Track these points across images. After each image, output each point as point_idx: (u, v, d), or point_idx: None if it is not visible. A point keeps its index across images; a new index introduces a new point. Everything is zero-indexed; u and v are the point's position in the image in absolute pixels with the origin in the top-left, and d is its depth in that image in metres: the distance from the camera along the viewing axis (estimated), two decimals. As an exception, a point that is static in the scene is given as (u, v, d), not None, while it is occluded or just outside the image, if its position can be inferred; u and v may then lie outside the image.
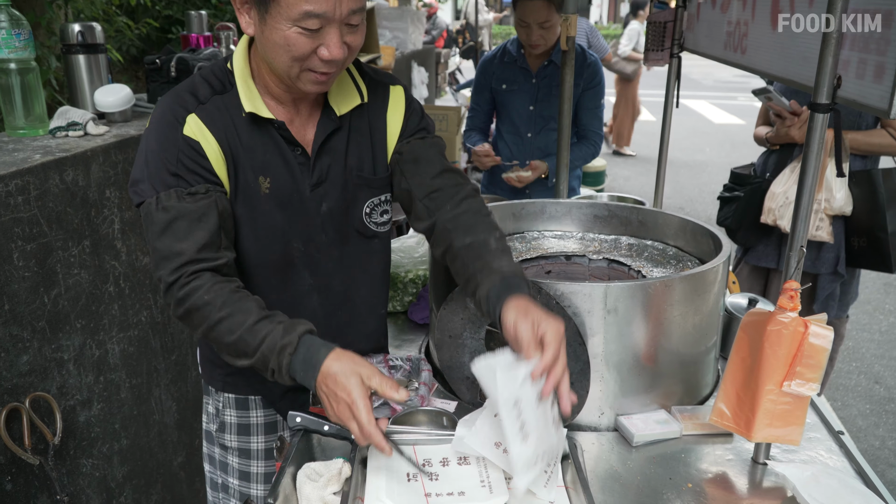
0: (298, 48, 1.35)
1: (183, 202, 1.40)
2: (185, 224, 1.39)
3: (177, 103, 1.46)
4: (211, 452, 1.86)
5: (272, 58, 1.40)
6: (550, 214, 2.27)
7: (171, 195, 1.40)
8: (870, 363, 4.62)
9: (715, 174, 9.45)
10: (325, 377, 1.31)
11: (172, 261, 1.39)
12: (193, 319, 1.40)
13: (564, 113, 2.63)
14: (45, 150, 2.02)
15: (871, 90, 1.28)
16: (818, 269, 2.88)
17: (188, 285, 1.38)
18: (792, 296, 1.36)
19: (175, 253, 1.39)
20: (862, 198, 2.72)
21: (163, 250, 1.40)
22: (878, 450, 3.71)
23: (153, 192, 1.41)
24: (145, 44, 4.04)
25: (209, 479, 1.90)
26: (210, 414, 1.81)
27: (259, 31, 1.40)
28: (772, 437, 1.44)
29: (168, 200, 1.40)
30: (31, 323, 1.86)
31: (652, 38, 2.65)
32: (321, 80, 1.42)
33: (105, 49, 2.50)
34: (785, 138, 2.85)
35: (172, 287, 1.39)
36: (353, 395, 1.27)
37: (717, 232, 1.89)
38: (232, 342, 1.36)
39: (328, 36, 1.36)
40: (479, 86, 3.46)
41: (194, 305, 1.38)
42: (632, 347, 1.60)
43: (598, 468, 1.51)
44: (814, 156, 1.32)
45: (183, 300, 1.38)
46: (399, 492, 1.30)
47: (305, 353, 1.33)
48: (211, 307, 1.37)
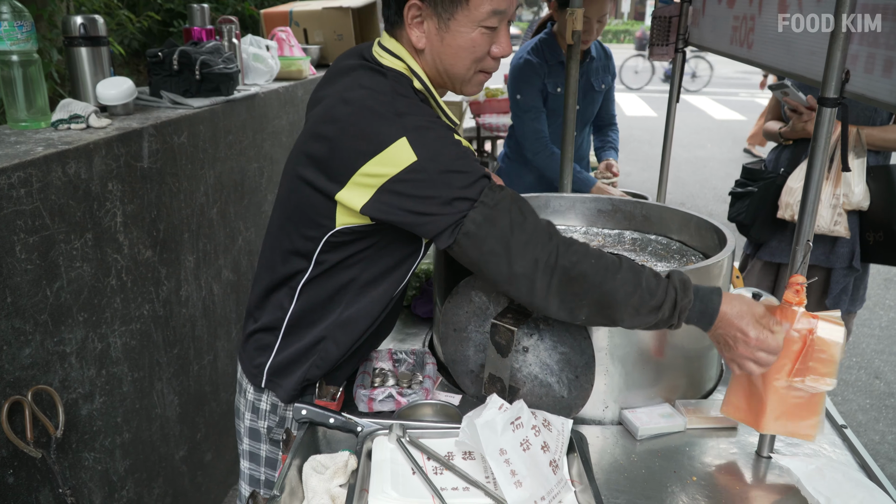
0: (481, 48, 1.44)
1: (502, 192, 1.39)
2: (519, 205, 1.38)
3: (435, 125, 1.42)
4: (255, 450, 1.79)
5: (452, 63, 1.47)
6: (554, 209, 2.27)
7: (489, 193, 1.37)
8: (870, 358, 4.63)
9: (716, 170, 9.46)
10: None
11: (540, 237, 1.36)
12: (577, 285, 1.36)
13: (569, 107, 2.62)
14: (47, 142, 2.01)
15: (879, 84, 1.28)
16: (832, 263, 2.88)
17: (569, 251, 1.36)
18: (798, 290, 1.36)
19: (540, 228, 1.37)
20: (879, 192, 2.72)
21: (527, 234, 1.36)
22: (879, 444, 3.72)
23: (468, 203, 1.36)
24: (147, 37, 4.03)
25: (248, 475, 1.82)
26: (263, 411, 1.72)
27: (437, 39, 1.46)
28: (784, 430, 1.44)
29: (492, 198, 1.37)
30: (33, 316, 1.86)
31: (657, 32, 2.64)
32: (485, 79, 1.52)
33: (107, 42, 2.49)
34: (801, 133, 2.86)
35: (558, 258, 1.35)
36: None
37: (720, 226, 1.89)
38: (622, 299, 1.35)
39: (500, 34, 1.46)
40: (534, 90, 3.24)
41: (582, 272, 1.35)
42: (637, 341, 1.60)
43: (603, 461, 1.51)
44: (821, 150, 1.32)
45: (570, 267, 1.35)
46: (404, 484, 1.30)
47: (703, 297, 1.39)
48: (598, 267, 1.36)
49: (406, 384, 1.69)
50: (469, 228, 1.36)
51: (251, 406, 1.76)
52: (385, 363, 1.77)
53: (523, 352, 1.60)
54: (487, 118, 6.30)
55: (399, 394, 1.63)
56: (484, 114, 6.39)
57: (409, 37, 1.47)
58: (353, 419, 1.44)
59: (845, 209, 2.71)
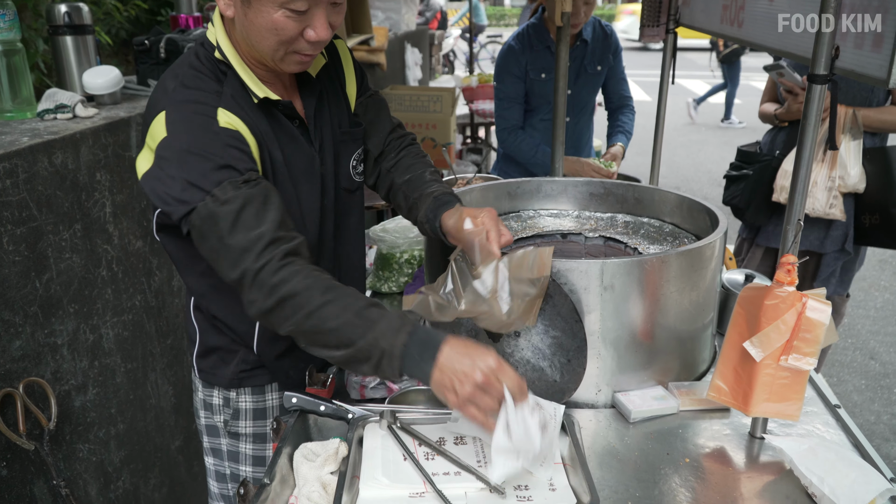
0: (286, 31, 1.35)
1: (242, 189, 1.31)
2: (254, 209, 1.31)
3: (195, 103, 1.39)
4: (215, 445, 1.81)
5: (257, 41, 1.39)
6: (546, 193, 2.26)
7: (227, 187, 1.31)
8: (865, 339, 4.64)
9: (710, 154, 9.44)
10: (452, 347, 1.24)
11: (254, 247, 1.29)
12: (286, 308, 1.28)
13: (560, 91, 2.61)
14: (33, 132, 1.99)
15: (869, 59, 1.26)
16: (826, 247, 2.86)
17: (282, 269, 1.28)
18: (789, 270, 1.35)
19: (254, 238, 1.29)
20: (875, 175, 2.70)
21: (240, 242, 1.30)
22: (874, 424, 3.73)
23: (202, 194, 1.31)
24: (134, 26, 3.99)
25: (214, 471, 1.84)
26: (216, 406, 1.75)
27: (241, 14, 1.37)
28: (770, 411, 1.43)
29: (226, 193, 1.30)
30: (22, 308, 1.85)
31: (647, 13, 2.62)
32: (305, 60, 1.43)
33: (93, 30, 2.47)
34: (796, 115, 2.82)
35: (262, 273, 1.28)
36: (491, 359, 1.22)
37: (713, 208, 1.88)
38: (335, 327, 1.26)
39: (315, 18, 1.36)
40: (512, 78, 3.23)
41: (291, 292, 1.27)
42: (629, 324, 1.59)
43: (596, 445, 1.50)
44: (811, 128, 1.31)
45: (277, 287, 1.27)
46: (395, 471, 1.29)
47: (423, 336, 1.26)
48: (311, 291, 1.27)
49: (398, 370, 1.69)
50: (195, 221, 1.32)
51: (203, 403, 1.78)
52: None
53: (515, 336, 1.59)
54: (481, 104, 6.26)
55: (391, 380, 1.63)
56: (477, 100, 6.35)
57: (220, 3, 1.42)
58: (344, 406, 1.44)
59: (841, 192, 2.70)
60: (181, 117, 1.37)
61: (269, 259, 1.29)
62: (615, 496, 1.34)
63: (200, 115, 1.37)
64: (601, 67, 3.33)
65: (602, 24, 3.29)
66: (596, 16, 3.25)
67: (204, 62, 1.46)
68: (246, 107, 1.44)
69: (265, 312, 1.30)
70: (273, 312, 1.29)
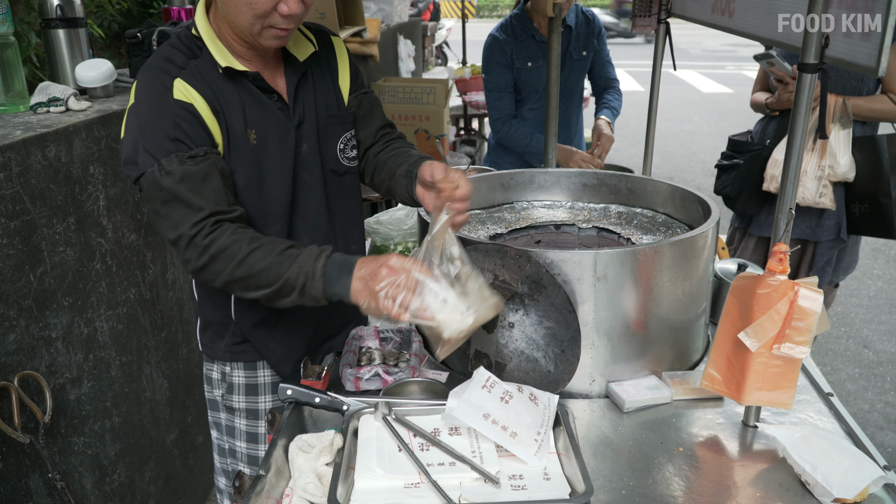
0: (260, 5, 1.43)
1: (185, 165, 1.43)
2: (193, 184, 1.43)
3: (158, 73, 1.49)
4: (216, 419, 1.90)
5: (234, 16, 1.47)
6: (539, 184, 2.26)
7: (173, 160, 1.42)
8: (858, 328, 4.66)
9: (703, 143, 9.45)
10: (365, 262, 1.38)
11: (190, 217, 1.42)
12: (218, 262, 1.42)
13: (552, 80, 2.61)
14: (26, 126, 1.98)
15: (859, 48, 1.27)
16: (819, 236, 2.87)
17: (212, 233, 1.42)
18: (781, 258, 1.36)
19: (192, 210, 1.42)
20: (865, 164, 2.70)
21: (176, 212, 1.43)
22: (868, 413, 3.75)
23: (153, 161, 1.43)
24: (127, 19, 3.96)
25: (216, 445, 1.94)
26: (215, 380, 1.85)
27: None
28: (763, 400, 1.44)
29: (171, 165, 1.42)
30: (17, 301, 1.84)
31: (639, 3, 2.62)
32: (281, 35, 1.51)
33: (85, 23, 2.46)
34: (787, 104, 2.82)
35: (195, 238, 1.42)
36: (393, 257, 1.37)
37: (705, 198, 1.89)
38: (263, 268, 1.41)
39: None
40: (499, 68, 3.25)
41: (221, 247, 1.41)
42: (622, 314, 1.60)
43: (590, 434, 1.51)
44: (801, 116, 1.31)
45: (208, 246, 1.41)
46: (390, 462, 1.30)
47: (340, 259, 1.41)
48: (239, 243, 1.41)
49: (393, 362, 1.69)
50: (143, 184, 1.45)
51: (206, 378, 1.88)
52: (372, 342, 1.78)
53: (509, 327, 1.60)
54: (474, 95, 6.25)
55: (386, 372, 1.63)
56: (470, 91, 6.34)
57: None
58: (339, 398, 1.44)
59: (831, 181, 2.70)
60: (144, 86, 1.49)
61: (203, 226, 1.42)
62: (609, 485, 1.35)
63: (160, 84, 1.48)
64: (586, 52, 3.34)
65: (583, 9, 3.30)
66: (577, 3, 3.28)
67: (182, 40, 1.57)
68: (210, 78, 1.52)
69: (200, 269, 1.45)
70: (207, 268, 1.44)
